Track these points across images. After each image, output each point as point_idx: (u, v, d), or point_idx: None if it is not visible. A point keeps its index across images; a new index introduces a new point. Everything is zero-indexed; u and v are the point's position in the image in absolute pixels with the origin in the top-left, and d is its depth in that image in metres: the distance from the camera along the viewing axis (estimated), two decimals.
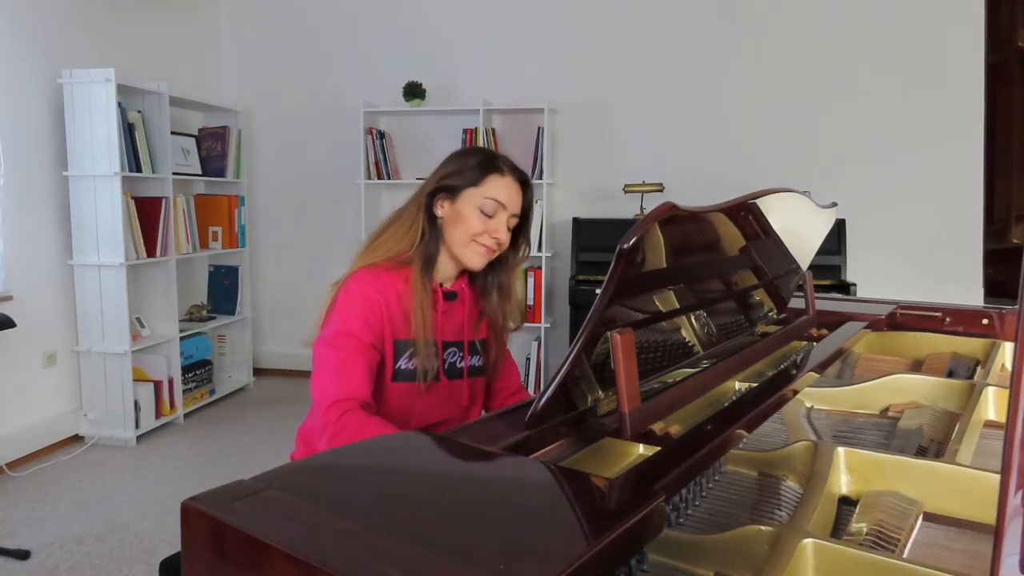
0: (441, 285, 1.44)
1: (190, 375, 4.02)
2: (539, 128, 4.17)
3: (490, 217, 1.38)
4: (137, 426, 3.59)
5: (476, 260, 1.41)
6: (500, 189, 1.39)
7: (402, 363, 1.37)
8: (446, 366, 1.42)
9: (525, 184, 1.43)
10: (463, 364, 1.45)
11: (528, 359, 4.30)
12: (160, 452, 3.48)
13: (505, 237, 1.41)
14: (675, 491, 0.75)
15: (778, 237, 1.25)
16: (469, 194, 1.39)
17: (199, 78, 4.54)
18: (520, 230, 1.46)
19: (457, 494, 0.67)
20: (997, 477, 0.61)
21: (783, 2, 3.98)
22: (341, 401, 1.26)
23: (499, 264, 1.46)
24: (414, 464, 0.76)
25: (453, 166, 1.41)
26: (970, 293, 1.66)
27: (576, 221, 4.11)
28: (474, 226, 1.38)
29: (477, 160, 1.41)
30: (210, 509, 0.60)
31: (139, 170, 3.61)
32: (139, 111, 3.69)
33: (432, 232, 1.41)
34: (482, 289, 1.48)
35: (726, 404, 1.04)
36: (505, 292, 1.49)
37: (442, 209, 1.41)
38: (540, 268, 4.21)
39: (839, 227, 3.79)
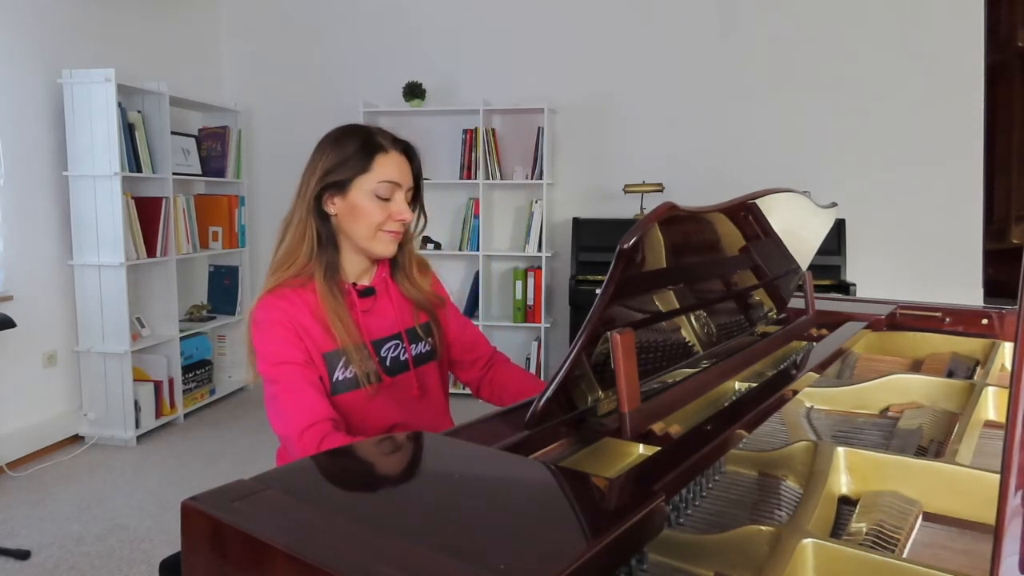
0: (355, 284, 1.36)
1: (190, 375, 4.02)
2: (539, 128, 4.17)
3: (388, 200, 1.30)
4: (137, 426, 3.59)
5: (387, 248, 1.33)
6: (390, 168, 1.29)
7: (338, 374, 1.29)
8: (387, 363, 1.35)
9: (410, 153, 1.34)
10: (406, 356, 1.38)
11: (528, 359, 4.30)
12: (160, 452, 3.48)
13: (410, 215, 1.33)
14: (675, 491, 0.75)
15: (778, 237, 1.25)
16: (360, 183, 1.28)
17: (199, 78, 4.54)
18: (414, 200, 1.37)
19: (457, 494, 0.67)
20: (997, 477, 0.61)
21: (783, 2, 3.98)
22: (310, 427, 1.19)
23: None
24: (414, 464, 0.76)
25: (333, 158, 1.29)
26: (970, 293, 1.66)
27: (576, 221, 4.11)
28: (375, 216, 1.29)
29: (356, 144, 1.29)
30: (210, 509, 0.60)
31: (139, 170, 3.61)
32: (139, 111, 3.70)
33: (328, 234, 1.31)
34: (393, 274, 1.41)
35: (726, 404, 1.04)
36: (410, 268, 1.41)
37: (334, 207, 1.30)
38: (540, 268, 4.21)
39: (839, 227, 3.79)
